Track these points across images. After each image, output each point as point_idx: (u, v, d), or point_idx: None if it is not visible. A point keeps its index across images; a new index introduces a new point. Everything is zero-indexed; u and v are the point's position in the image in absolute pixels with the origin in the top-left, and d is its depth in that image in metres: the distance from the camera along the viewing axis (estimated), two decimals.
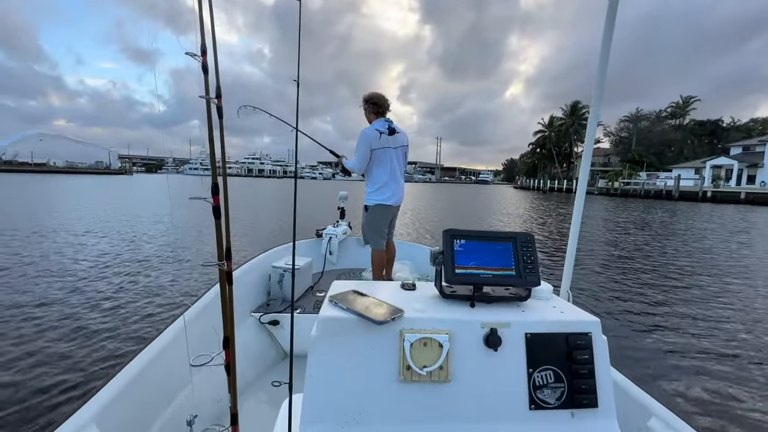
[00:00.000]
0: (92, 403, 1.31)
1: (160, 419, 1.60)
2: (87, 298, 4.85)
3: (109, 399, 1.35)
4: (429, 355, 0.86)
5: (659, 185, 41.80)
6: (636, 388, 1.50)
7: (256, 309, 2.77)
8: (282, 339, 2.73)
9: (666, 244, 10.92)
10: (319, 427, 0.83)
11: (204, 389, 1.40)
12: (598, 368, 0.90)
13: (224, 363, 1.16)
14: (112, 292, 5.14)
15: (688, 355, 3.94)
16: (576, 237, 1.71)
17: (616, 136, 65.25)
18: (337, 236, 4.02)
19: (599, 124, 62.45)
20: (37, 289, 5.23)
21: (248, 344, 2.54)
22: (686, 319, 4.97)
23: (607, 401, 0.89)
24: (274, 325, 2.67)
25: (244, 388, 2.25)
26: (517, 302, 1.00)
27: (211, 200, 1.05)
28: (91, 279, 5.77)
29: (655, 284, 6.60)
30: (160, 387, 1.63)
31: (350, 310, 0.91)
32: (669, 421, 1.31)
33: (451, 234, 0.97)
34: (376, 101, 3.12)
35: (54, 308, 4.47)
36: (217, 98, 1.06)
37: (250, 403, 2.18)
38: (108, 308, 4.51)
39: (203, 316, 1.95)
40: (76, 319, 4.20)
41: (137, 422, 1.49)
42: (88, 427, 1.22)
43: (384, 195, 3.09)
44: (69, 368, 3.20)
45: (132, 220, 12.42)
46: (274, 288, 2.95)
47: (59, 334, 3.81)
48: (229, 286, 1.13)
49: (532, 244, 0.99)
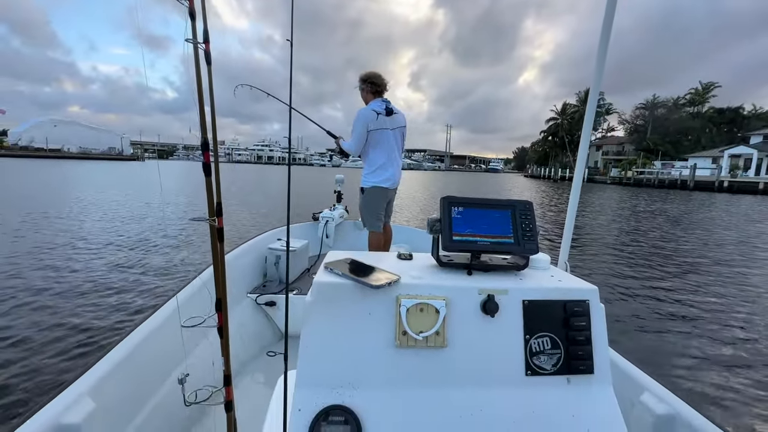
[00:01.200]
0: (87, 376, 1.31)
1: (157, 394, 1.60)
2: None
3: (104, 373, 1.35)
4: (425, 321, 0.85)
5: (674, 174, 40.86)
6: (629, 364, 1.51)
7: (252, 290, 2.76)
8: (279, 320, 2.71)
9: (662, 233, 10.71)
10: (313, 391, 0.82)
11: (200, 367, 1.39)
12: (595, 335, 0.89)
13: (216, 325, 1.12)
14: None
15: (691, 338, 3.87)
16: (574, 211, 1.73)
17: (631, 124, 63.34)
18: (334, 219, 4.03)
19: (614, 112, 60.65)
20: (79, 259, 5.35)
21: (245, 325, 2.53)
22: (687, 306, 4.88)
23: (603, 368, 0.89)
24: (270, 306, 2.66)
25: (240, 368, 2.26)
26: (514, 271, 0.99)
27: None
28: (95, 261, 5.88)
29: (647, 265, 6.49)
30: (156, 362, 1.63)
31: (346, 275, 0.89)
32: (662, 396, 1.33)
33: (449, 201, 0.95)
34: (374, 80, 3.03)
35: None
36: (205, 43, 1.00)
37: (247, 382, 2.19)
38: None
39: (199, 295, 1.93)
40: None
41: (131, 397, 1.48)
42: (82, 400, 1.22)
43: (380, 177, 3.04)
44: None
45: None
46: (270, 269, 2.94)
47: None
48: (220, 244, 1.09)
49: (531, 213, 0.98)
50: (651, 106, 60.42)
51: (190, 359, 1.77)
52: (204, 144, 1.03)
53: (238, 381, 2.15)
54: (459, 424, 0.83)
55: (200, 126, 1.03)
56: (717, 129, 56.97)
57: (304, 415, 0.80)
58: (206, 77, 1.02)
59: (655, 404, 1.31)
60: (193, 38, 0.98)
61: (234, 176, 34.28)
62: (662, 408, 1.29)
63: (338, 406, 0.81)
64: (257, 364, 2.39)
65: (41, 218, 8.96)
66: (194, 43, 0.98)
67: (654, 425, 1.29)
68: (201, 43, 1.00)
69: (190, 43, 0.98)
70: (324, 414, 0.80)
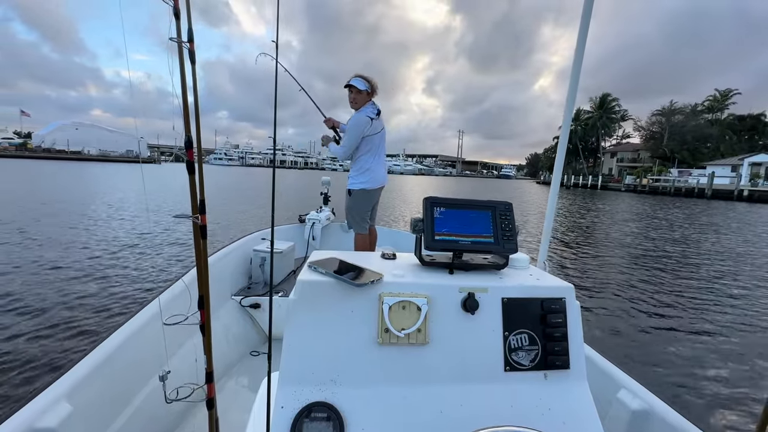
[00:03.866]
0: (64, 379, 1.29)
1: (139, 394, 1.58)
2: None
3: (82, 375, 1.34)
4: (407, 318, 0.86)
5: (691, 182, 39.88)
6: (606, 362, 1.56)
7: (236, 292, 2.72)
8: (263, 322, 2.66)
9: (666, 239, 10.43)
10: (296, 388, 0.82)
11: (184, 367, 1.39)
12: (571, 331, 0.92)
13: (199, 323, 1.12)
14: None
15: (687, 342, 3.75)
16: (552, 214, 1.84)
17: (647, 131, 61.99)
18: (321, 221, 4.02)
19: (629, 118, 59.29)
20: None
21: (229, 327, 2.48)
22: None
23: (578, 363, 0.91)
24: (255, 308, 2.62)
25: (224, 370, 2.24)
26: (494, 270, 1.01)
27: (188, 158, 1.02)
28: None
29: (639, 275, 6.31)
30: (139, 361, 1.61)
31: (329, 274, 0.90)
32: (637, 392, 1.37)
33: (431, 201, 0.97)
34: (375, 88, 3.01)
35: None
36: (189, 42, 1.02)
37: (231, 384, 2.16)
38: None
39: (182, 295, 1.91)
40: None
41: (112, 397, 1.47)
42: (58, 404, 1.21)
43: (367, 179, 3.04)
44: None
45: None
46: (255, 271, 2.90)
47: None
48: (203, 241, 1.09)
49: (510, 213, 1.00)
50: (668, 113, 59.06)
51: (175, 359, 1.76)
52: (187, 142, 1.04)
53: (223, 383, 2.13)
54: (440, 419, 0.84)
55: (184, 124, 1.04)
56: (737, 136, 55.36)
57: (286, 412, 0.80)
58: (191, 77, 1.04)
59: (631, 400, 1.35)
60: (177, 37, 1.00)
61: (249, 180, 34.59)
62: (638, 404, 1.33)
63: (321, 403, 0.81)
64: (241, 366, 2.35)
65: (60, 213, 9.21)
66: (179, 42, 1.00)
67: (630, 421, 1.33)
68: (185, 42, 1.01)
69: (175, 42, 0.99)
70: (306, 410, 0.80)
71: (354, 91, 2.97)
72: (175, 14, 1.00)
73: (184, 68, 1.02)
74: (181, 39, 1.00)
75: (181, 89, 1.02)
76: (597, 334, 4.03)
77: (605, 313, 4.72)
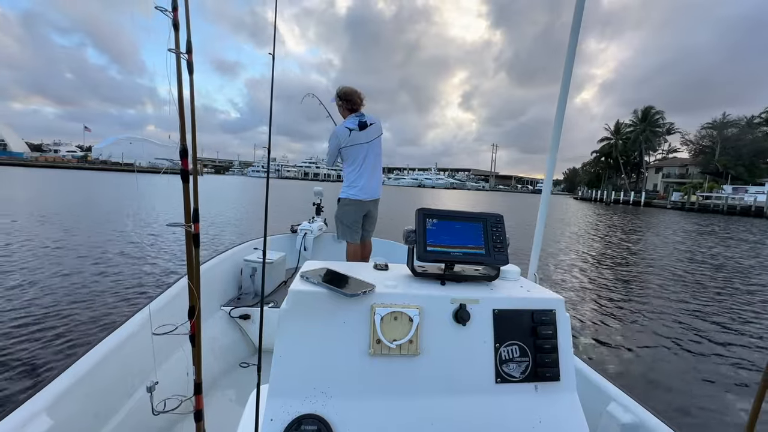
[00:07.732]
0: (44, 393, 1.27)
1: (125, 405, 1.55)
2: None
3: (64, 387, 1.31)
4: (399, 329, 0.86)
5: (747, 200, 36.78)
6: (597, 375, 1.55)
7: (226, 303, 2.67)
8: (253, 334, 2.61)
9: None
10: (286, 400, 0.81)
11: (172, 378, 1.38)
12: (561, 343, 0.91)
13: (189, 333, 1.11)
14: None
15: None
16: (542, 225, 1.85)
17: (697, 145, 58.23)
18: (312, 232, 3.98)
19: (675, 131, 55.88)
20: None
21: (218, 339, 2.44)
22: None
23: (568, 375, 0.91)
24: (244, 319, 2.57)
25: (213, 381, 2.20)
26: (486, 281, 1.01)
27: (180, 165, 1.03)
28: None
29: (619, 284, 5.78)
30: (126, 373, 1.58)
31: (321, 284, 0.90)
32: (628, 406, 1.36)
33: (424, 213, 0.97)
34: (349, 98, 3.06)
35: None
36: (188, 53, 1.03)
37: (219, 396, 2.12)
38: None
39: (171, 306, 1.90)
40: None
41: (97, 410, 1.44)
42: (37, 418, 1.19)
43: (354, 190, 3.08)
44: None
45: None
46: (245, 282, 2.86)
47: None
48: (195, 250, 1.09)
49: (501, 225, 1.01)
50: (720, 126, 55.14)
51: (164, 371, 1.74)
52: (182, 151, 1.05)
53: (211, 395, 2.09)
54: (431, 430, 0.83)
55: (180, 133, 1.06)
56: None
57: (275, 424, 0.78)
58: (189, 88, 1.05)
59: (621, 414, 1.34)
60: (175, 48, 1.02)
61: (281, 193, 35.61)
62: (628, 417, 1.32)
63: (310, 415, 0.80)
64: (230, 378, 2.31)
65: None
66: (176, 53, 1.02)
67: None
68: (184, 54, 1.03)
69: (172, 53, 1.01)
70: (296, 423, 0.79)
71: (336, 104, 3.16)
72: (174, 26, 1.02)
73: (181, 78, 1.04)
74: (180, 50, 1.02)
75: (178, 99, 1.03)
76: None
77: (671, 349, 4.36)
